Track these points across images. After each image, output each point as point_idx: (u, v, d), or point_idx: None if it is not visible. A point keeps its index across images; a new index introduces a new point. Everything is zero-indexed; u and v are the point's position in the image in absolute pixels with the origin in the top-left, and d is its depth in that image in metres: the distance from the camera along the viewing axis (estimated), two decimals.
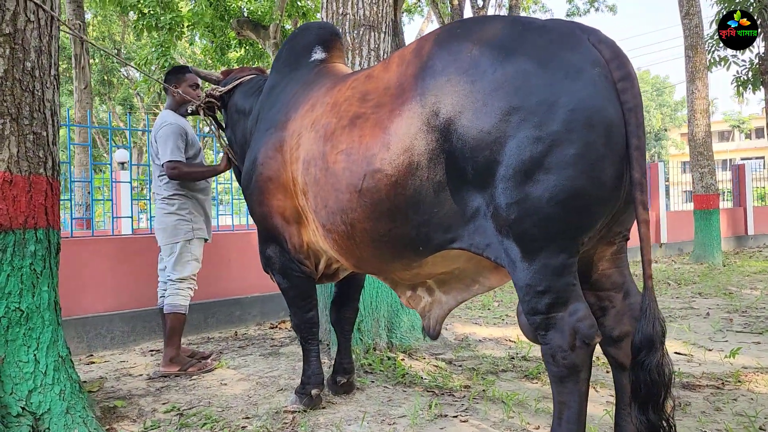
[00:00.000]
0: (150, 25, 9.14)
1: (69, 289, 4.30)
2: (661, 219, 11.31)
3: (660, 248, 11.31)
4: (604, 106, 1.88)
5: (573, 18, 23.79)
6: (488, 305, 6.12)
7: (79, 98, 10.27)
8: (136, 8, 8.82)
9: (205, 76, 3.76)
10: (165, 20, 9.10)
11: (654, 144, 49.59)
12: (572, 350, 1.97)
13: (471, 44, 2.08)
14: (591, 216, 1.94)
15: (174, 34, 9.45)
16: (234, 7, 13.08)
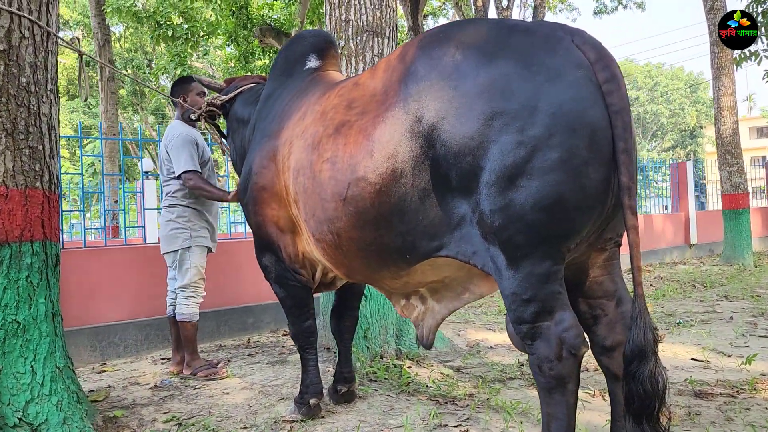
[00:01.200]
0: (166, 36, 9.27)
1: (82, 298, 4.38)
2: (690, 219, 11.03)
3: (690, 249, 11.04)
4: (588, 109, 1.83)
5: (601, 16, 23.49)
6: (503, 311, 6.02)
7: (105, 109, 10.48)
8: (152, 19, 8.97)
9: (208, 84, 3.79)
10: (181, 30, 9.22)
11: (689, 142, 48.59)
12: (559, 361, 1.91)
13: (454, 48, 2.05)
14: (576, 222, 1.88)
15: (190, 43, 9.57)
16: (257, 15, 13.21)
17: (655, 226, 10.39)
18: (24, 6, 2.68)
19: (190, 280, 3.81)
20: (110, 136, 10.23)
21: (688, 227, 11.04)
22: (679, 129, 48.70)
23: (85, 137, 5.46)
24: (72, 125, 29.91)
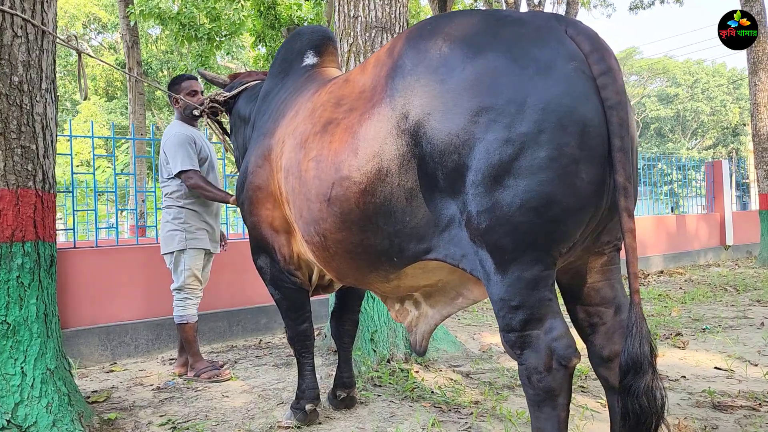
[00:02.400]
0: (189, 36, 9.32)
1: (94, 297, 4.39)
2: (726, 220, 10.65)
3: (725, 251, 10.66)
4: (579, 105, 1.70)
5: (637, 11, 22.93)
6: None
7: (133, 110, 10.61)
8: (175, 20, 9.02)
9: (211, 79, 3.74)
10: (204, 30, 9.26)
11: (732, 140, 47.19)
12: (548, 372, 1.80)
13: (441, 41, 1.94)
14: (567, 224, 1.76)
15: (213, 43, 9.62)
16: (284, 15, 13.22)
17: (688, 227, 10.05)
18: (17, 4, 2.66)
19: (184, 282, 3.78)
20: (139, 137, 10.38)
21: (724, 228, 10.66)
22: (721, 127, 47.33)
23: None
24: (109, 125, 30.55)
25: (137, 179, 10.79)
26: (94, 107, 30.70)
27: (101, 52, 31.80)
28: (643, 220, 9.39)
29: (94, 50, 32.04)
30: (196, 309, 3.86)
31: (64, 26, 31.74)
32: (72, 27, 31.94)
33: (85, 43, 32.60)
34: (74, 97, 33.03)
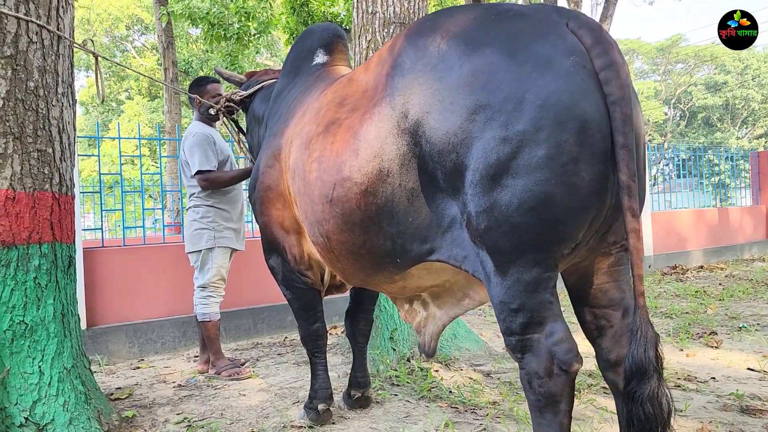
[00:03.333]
0: (218, 36, 9.42)
1: (122, 295, 4.48)
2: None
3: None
4: (579, 101, 1.64)
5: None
6: None
7: (168, 109, 10.80)
8: (205, 20, 9.13)
9: (228, 77, 3.76)
10: (233, 30, 9.34)
11: None
12: (549, 377, 1.75)
13: (440, 38, 1.90)
14: (567, 225, 1.70)
15: (242, 42, 9.70)
16: (318, 11, 13.25)
17: (731, 220, 9.70)
18: (32, 11, 2.71)
19: (210, 280, 3.82)
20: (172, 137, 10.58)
21: None
22: None
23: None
24: (153, 125, 31.22)
25: (173, 178, 11.01)
26: (137, 107, 31.41)
27: (144, 53, 32.47)
28: (683, 214, 9.11)
29: (137, 51, 32.76)
30: (218, 307, 3.91)
31: (108, 28, 32.59)
32: (116, 29, 32.75)
33: (129, 44, 33.38)
34: (119, 98, 33.91)
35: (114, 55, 33.39)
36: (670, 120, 41.62)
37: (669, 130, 41.58)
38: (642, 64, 44.18)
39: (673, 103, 41.53)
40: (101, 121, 32.49)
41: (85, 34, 32.71)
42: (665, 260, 8.50)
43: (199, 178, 3.75)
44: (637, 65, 43.96)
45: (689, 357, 3.91)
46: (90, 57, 3.38)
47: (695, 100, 40.83)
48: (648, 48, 42.05)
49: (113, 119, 32.57)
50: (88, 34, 32.70)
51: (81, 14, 32.29)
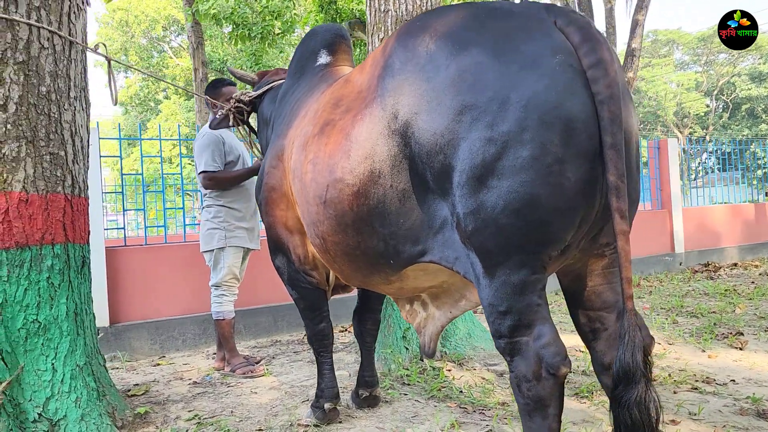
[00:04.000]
0: (243, 35, 9.52)
1: (144, 293, 4.58)
2: None
3: None
4: (564, 100, 1.62)
5: None
6: None
7: (199, 109, 10.97)
8: (230, 20, 9.24)
9: (240, 77, 3.80)
10: (257, 29, 9.43)
11: None
12: (538, 381, 1.73)
13: (429, 38, 1.89)
14: (554, 227, 1.67)
15: (266, 42, 9.78)
16: (345, 9, 13.27)
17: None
18: (43, 18, 2.78)
19: (222, 279, 3.87)
20: None
21: None
22: None
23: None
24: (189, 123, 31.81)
25: None
26: (174, 106, 31.99)
27: (181, 53, 32.99)
28: (716, 209, 8.88)
29: (174, 51, 33.33)
30: (232, 305, 3.96)
31: (145, 29, 33.24)
32: (153, 30, 33.38)
33: (166, 44, 33.99)
34: (157, 97, 34.60)
35: (151, 55, 34.07)
36: (712, 112, 40.47)
37: (711, 123, 40.45)
38: (682, 55, 43.02)
39: (715, 94, 40.35)
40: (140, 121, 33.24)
41: (123, 36, 33.47)
42: (697, 257, 8.30)
43: (202, 178, 3.82)
44: (677, 56, 42.83)
45: (711, 358, 3.80)
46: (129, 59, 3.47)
47: (739, 91, 39.59)
48: (689, 38, 40.91)
49: (152, 118, 33.24)
50: (126, 36, 33.44)
51: (119, 16, 33.03)
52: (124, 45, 33.43)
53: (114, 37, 33.70)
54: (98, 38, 34.13)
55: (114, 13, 33.24)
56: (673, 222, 8.07)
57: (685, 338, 4.32)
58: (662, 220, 8.08)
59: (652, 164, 8.29)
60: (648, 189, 8.39)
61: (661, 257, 7.94)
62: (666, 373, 3.48)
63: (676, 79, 40.47)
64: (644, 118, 40.48)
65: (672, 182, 8.08)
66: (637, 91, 39.22)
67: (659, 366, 3.64)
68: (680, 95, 39.04)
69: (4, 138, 2.65)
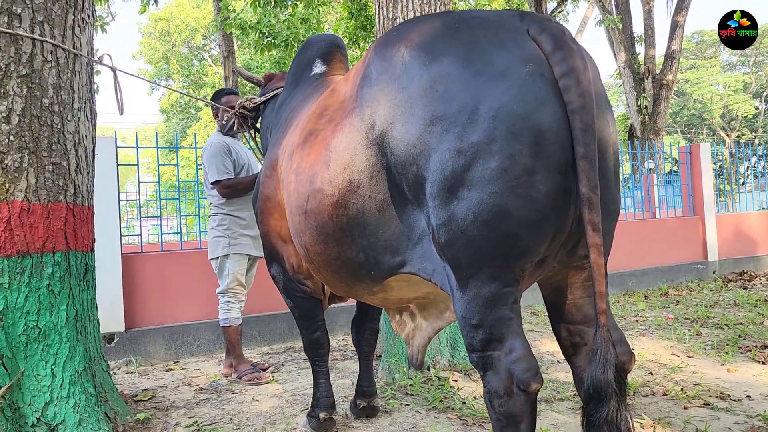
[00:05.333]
0: (269, 44, 9.61)
1: (159, 298, 4.65)
2: None
3: None
4: (533, 110, 1.58)
5: None
6: None
7: None
8: (255, 29, 9.33)
9: (247, 77, 3.83)
10: (281, 38, 9.50)
11: None
12: (509, 396, 1.69)
13: (404, 48, 1.88)
14: (524, 239, 1.63)
15: (291, 49, 9.85)
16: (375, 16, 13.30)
17: None
18: (47, 32, 2.85)
19: (227, 286, 3.92)
20: None
21: None
22: None
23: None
24: None
25: None
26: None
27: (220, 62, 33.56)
28: (752, 216, 8.57)
29: (213, 59, 33.96)
30: (239, 312, 3.99)
31: (186, 38, 33.99)
32: (193, 39, 34.12)
33: (206, 53, 34.66)
34: (198, 104, 35.29)
35: (191, 64, 34.81)
36: (761, 114, 39.17)
37: (760, 125, 39.14)
38: (729, 56, 41.78)
39: (765, 96, 39.04)
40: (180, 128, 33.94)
41: (164, 45, 34.29)
42: (732, 266, 8.02)
43: (218, 188, 3.86)
44: (723, 57, 41.59)
45: (730, 372, 3.66)
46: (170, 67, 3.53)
47: None
48: None
49: (192, 125, 33.90)
50: (167, 45, 34.25)
51: (161, 27, 33.87)
52: (165, 54, 34.26)
53: (156, 46, 34.58)
54: (141, 48, 35.08)
55: (156, 24, 34.11)
56: (705, 229, 7.82)
57: (706, 350, 4.16)
58: (694, 228, 7.84)
59: (683, 170, 8.06)
60: (679, 195, 8.15)
61: (692, 265, 7.70)
62: (679, 387, 3.36)
63: (722, 80, 39.32)
64: (689, 121, 39.48)
65: (705, 188, 7.84)
66: (681, 94, 38.28)
67: (673, 380, 3.52)
68: (727, 97, 37.90)
69: (7, 149, 2.72)
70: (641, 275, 7.22)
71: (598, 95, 1.73)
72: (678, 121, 39.58)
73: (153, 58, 34.51)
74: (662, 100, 15.14)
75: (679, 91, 38.00)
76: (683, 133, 39.01)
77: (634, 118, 16.56)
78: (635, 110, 16.40)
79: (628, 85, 16.31)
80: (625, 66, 15.75)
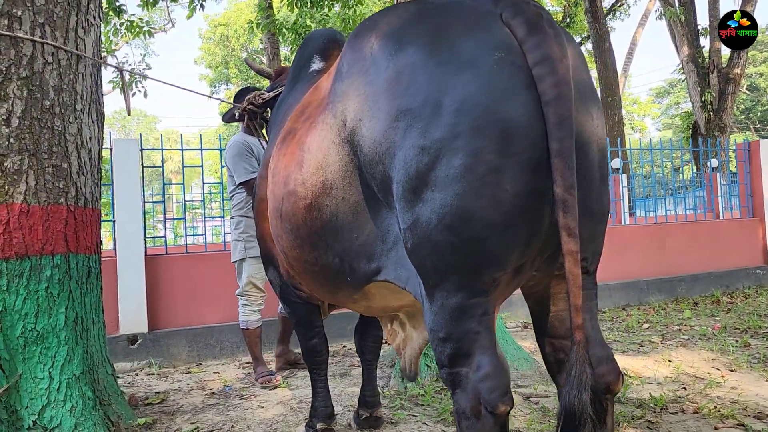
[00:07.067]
0: None
1: (184, 301, 4.66)
2: None
3: None
4: (500, 102, 1.43)
5: None
6: (632, 328, 5.21)
7: None
8: (292, 30, 9.30)
9: (258, 71, 3.77)
10: None
11: None
12: (477, 418, 1.54)
13: (374, 38, 1.75)
14: (491, 245, 1.48)
15: None
16: None
17: None
18: (47, 34, 2.85)
19: (243, 289, 3.91)
20: None
21: None
22: None
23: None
24: None
25: None
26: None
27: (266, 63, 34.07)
28: None
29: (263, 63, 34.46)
30: (257, 315, 3.95)
31: (244, 42, 34.63)
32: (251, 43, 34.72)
33: (263, 57, 35.26)
34: None
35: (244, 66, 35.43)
36: None
37: None
38: None
39: None
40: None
41: (224, 50, 35.05)
42: None
43: (246, 188, 3.83)
44: None
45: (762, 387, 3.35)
46: (229, 71, 3.57)
47: None
48: None
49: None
50: (226, 50, 35.00)
51: (220, 32, 34.66)
52: (225, 58, 35.02)
53: (216, 51, 35.41)
54: (202, 53, 36.01)
55: (215, 29, 34.92)
56: (766, 232, 7.31)
57: (750, 364, 3.84)
58: (753, 230, 7.34)
59: (741, 169, 7.57)
60: (737, 196, 7.67)
61: (751, 270, 7.21)
62: (713, 404, 3.08)
63: None
64: (763, 117, 37.54)
65: (765, 188, 7.33)
66: (755, 89, 36.49)
67: (708, 396, 3.24)
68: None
69: (7, 152, 2.72)
70: (692, 281, 6.81)
71: (581, 85, 1.55)
72: (751, 117, 37.70)
73: (213, 63, 35.36)
74: (728, 96, 14.39)
75: (753, 85, 36.22)
76: (757, 130, 37.09)
77: (698, 114, 15.81)
78: (699, 106, 15.66)
79: (692, 80, 15.58)
80: (688, 60, 15.06)
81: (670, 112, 41.02)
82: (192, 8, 9.50)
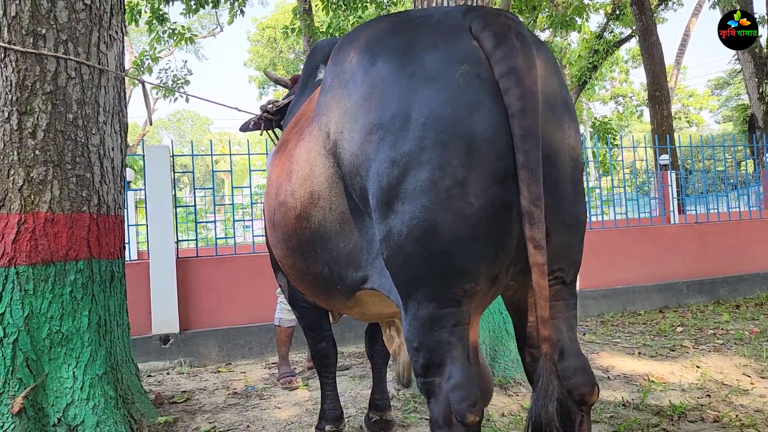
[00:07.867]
0: None
1: (213, 302, 4.80)
2: None
3: None
4: (465, 116, 1.45)
5: None
6: (665, 331, 5.07)
7: None
8: (326, 34, 9.39)
9: (276, 80, 3.85)
10: None
11: None
12: (448, 427, 1.56)
13: (353, 52, 1.78)
14: (459, 257, 1.50)
15: None
16: None
17: None
18: (71, 50, 2.99)
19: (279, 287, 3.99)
20: None
21: None
22: None
23: None
24: None
25: None
26: None
27: None
28: None
29: None
30: (291, 315, 3.92)
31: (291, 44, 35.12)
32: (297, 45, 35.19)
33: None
34: None
35: (297, 69, 35.89)
36: None
37: None
38: None
39: None
40: None
41: (272, 53, 35.63)
42: None
43: None
44: None
45: None
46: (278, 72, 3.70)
47: None
48: None
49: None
50: (274, 52, 35.57)
51: (268, 34, 35.24)
52: (273, 60, 35.59)
53: (264, 53, 36.02)
54: (251, 55, 36.73)
55: (263, 32, 35.54)
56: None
57: None
58: None
59: None
60: None
61: None
62: (735, 412, 3.00)
63: None
64: None
65: None
66: None
67: (732, 404, 3.15)
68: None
69: (33, 163, 2.88)
70: (736, 282, 6.57)
71: (550, 96, 1.55)
72: None
73: (261, 65, 35.99)
74: None
75: None
76: None
77: (756, 107, 15.23)
78: (756, 98, 15.07)
79: (748, 71, 15.01)
80: (744, 51, 14.50)
81: (731, 104, 39.51)
82: (232, 14, 9.72)
